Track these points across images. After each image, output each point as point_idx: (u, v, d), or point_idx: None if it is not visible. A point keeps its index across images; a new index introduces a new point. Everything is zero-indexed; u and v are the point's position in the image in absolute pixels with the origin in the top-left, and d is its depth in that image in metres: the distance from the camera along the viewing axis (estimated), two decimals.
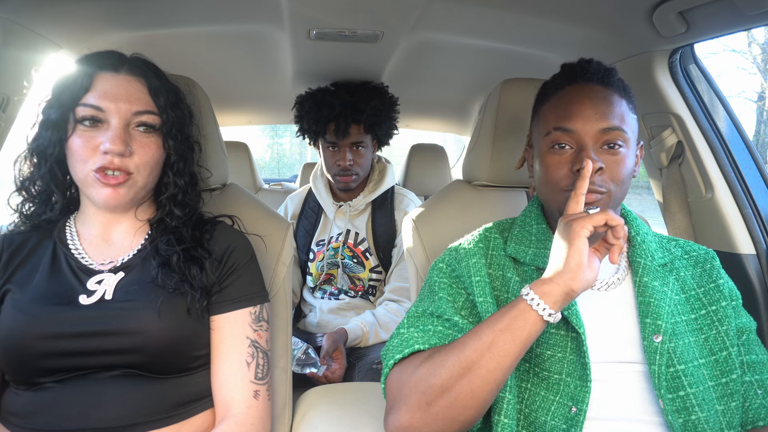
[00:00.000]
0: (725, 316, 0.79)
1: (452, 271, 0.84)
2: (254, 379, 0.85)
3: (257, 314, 0.88)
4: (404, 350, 0.74)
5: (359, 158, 1.64)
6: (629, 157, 0.78)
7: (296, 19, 1.23)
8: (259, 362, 0.86)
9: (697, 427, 0.71)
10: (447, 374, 0.67)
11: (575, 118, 0.77)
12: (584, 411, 0.71)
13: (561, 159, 0.78)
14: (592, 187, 0.74)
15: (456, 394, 0.67)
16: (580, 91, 0.80)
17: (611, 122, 0.77)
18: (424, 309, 0.81)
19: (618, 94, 0.80)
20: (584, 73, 0.82)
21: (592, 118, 0.77)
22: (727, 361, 0.76)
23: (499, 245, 0.86)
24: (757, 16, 0.96)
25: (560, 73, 0.86)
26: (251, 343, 0.86)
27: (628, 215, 0.88)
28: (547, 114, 0.82)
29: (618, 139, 0.77)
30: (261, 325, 0.89)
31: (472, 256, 0.83)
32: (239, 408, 0.82)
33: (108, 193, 0.79)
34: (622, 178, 0.77)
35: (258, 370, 0.85)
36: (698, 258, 0.86)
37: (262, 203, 1.15)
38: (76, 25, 1.18)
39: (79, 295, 0.79)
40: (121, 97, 0.80)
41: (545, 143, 0.81)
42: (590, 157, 0.74)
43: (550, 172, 0.79)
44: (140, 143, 0.81)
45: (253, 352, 0.85)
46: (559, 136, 0.78)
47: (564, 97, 0.81)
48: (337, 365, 1.43)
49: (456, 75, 1.85)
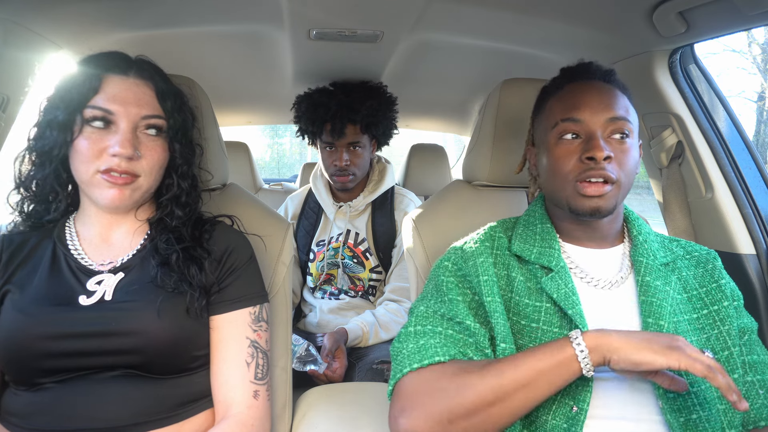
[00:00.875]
0: (727, 316, 0.79)
1: (458, 270, 0.84)
2: (254, 379, 0.85)
3: (257, 314, 0.88)
4: (423, 360, 0.73)
5: (356, 158, 1.64)
6: (635, 148, 0.80)
7: (296, 19, 1.23)
8: (259, 362, 0.86)
9: (698, 426, 0.71)
10: (477, 399, 0.67)
11: (583, 108, 0.79)
12: (585, 410, 0.71)
13: (570, 149, 0.79)
14: (605, 173, 0.76)
15: (481, 419, 0.67)
16: (583, 86, 0.82)
17: (617, 112, 0.79)
18: (435, 309, 0.80)
19: (620, 90, 0.82)
20: (586, 71, 0.84)
21: (599, 108, 0.79)
22: (728, 361, 0.76)
23: (503, 244, 0.86)
24: (757, 16, 0.96)
25: (560, 75, 0.88)
26: (251, 343, 0.86)
27: (630, 215, 0.88)
28: (553, 107, 0.84)
29: (625, 129, 0.79)
30: (261, 325, 0.89)
31: (479, 255, 0.83)
32: (239, 408, 0.82)
33: (113, 194, 0.79)
34: (630, 168, 0.79)
35: (258, 370, 0.85)
36: (700, 258, 0.86)
37: (262, 203, 1.15)
38: (76, 25, 1.18)
39: (78, 296, 0.79)
40: (130, 100, 0.80)
41: (553, 135, 0.82)
42: (600, 146, 0.75)
43: (560, 163, 0.80)
44: (147, 147, 0.82)
45: (252, 353, 0.85)
46: (567, 126, 0.80)
47: (569, 92, 0.83)
48: (338, 364, 1.43)
49: (456, 75, 1.85)
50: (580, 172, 0.77)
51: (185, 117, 0.89)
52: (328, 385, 1.13)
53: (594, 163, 0.76)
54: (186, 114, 0.90)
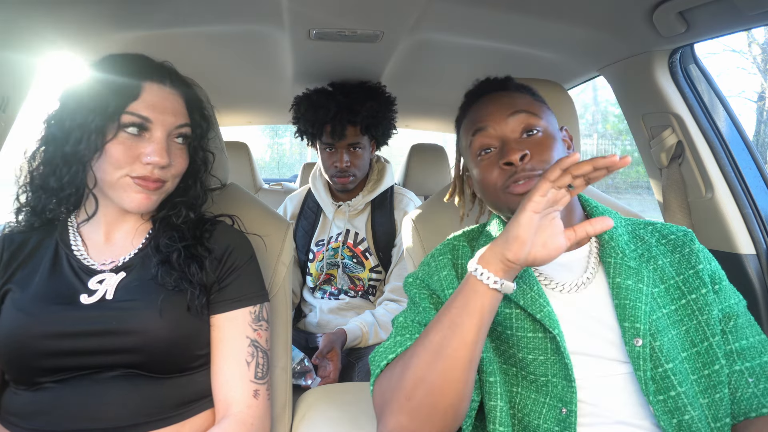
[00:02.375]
0: (705, 304, 0.76)
1: (427, 286, 0.85)
2: (254, 379, 0.85)
3: (257, 314, 0.89)
4: (381, 363, 0.75)
5: (356, 159, 1.64)
6: (551, 138, 0.81)
7: (296, 19, 1.23)
8: (259, 362, 0.86)
9: (692, 426, 0.70)
10: (418, 363, 0.68)
11: (485, 116, 0.84)
12: (574, 412, 0.71)
13: (490, 161, 0.82)
14: (527, 173, 0.77)
15: (431, 381, 0.67)
16: (482, 100, 0.87)
17: (516, 106, 0.82)
18: (412, 318, 0.81)
19: (518, 92, 0.86)
20: (484, 88, 0.90)
21: (497, 110, 0.83)
22: (708, 352, 0.74)
23: (466, 254, 0.87)
24: (757, 16, 0.96)
25: (464, 101, 0.93)
26: (251, 342, 0.86)
27: (594, 210, 0.86)
28: (463, 129, 0.89)
29: (533, 124, 0.81)
30: (261, 324, 0.89)
31: (442, 269, 0.85)
32: (239, 407, 0.82)
33: (141, 198, 0.81)
34: (551, 158, 0.79)
35: (258, 369, 0.86)
36: (677, 242, 0.83)
37: (262, 203, 1.15)
38: (76, 25, 1.18)
39: (80, 295, 0.80)
40: (167, 110, 0.82)
41: (473, 154, 0.85)
42: (512, 149, 0.78)
43: (485, 176, 0.82)
44: (176, 154, 0.84)
45: (253, 352, 0.86)
46: (479, 139, 0.83)
47: (473, 111, 0.88)
48: (331, 367, 1.43)
49: (456, 75, 1.85)
50: (505, 179, 0.79)
51: (207, 125, 0.92)
52: (328, 386, 1.13)
53: (513, 168, 0.78)
54: (207, 121, 0.93)
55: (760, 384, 0.74)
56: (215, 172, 1.06)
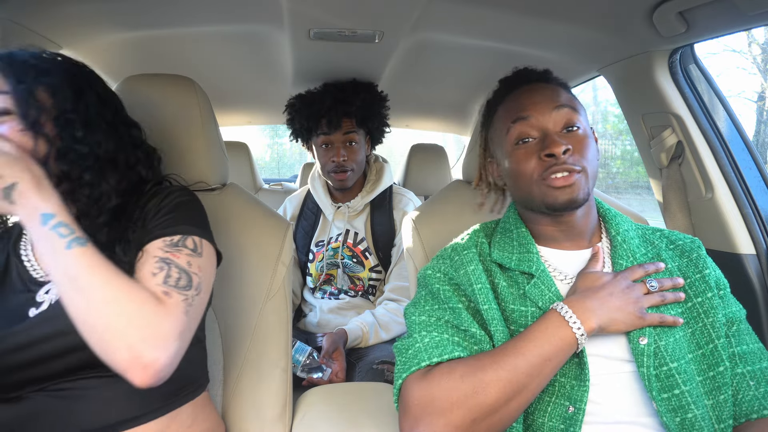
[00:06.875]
0: (711, 308, 0.78)
1: (450, 279, 0.84)
2: (161, 283, 0.72)
3: (175, 241, 0.77)
4: (422, 362, 0.73)
5: (352, 154, 1.64)
6: (589, 137, 0.82)
7: (296, 19, 1.23)
8: (171, 273, 0.74)
9: (694, 425, 0.71)
10: (498, 395, 0.67)
11: (529, 106, 0.82)
12: (582, 410, 0.71)
13: (528, 150, 0.81)
14: (568, 166, 0.77)
15: (504, 414, 0.68)
16: (525, 89, 0.86)
17: (560, 101, 0.82)
18: (439, 316, 0.79)
19: (561, 87, 0.86)
20: (524, 77, 0.89)
21: (543, 102, 0.82)
22: (713, 354, 0.76)
23: (485, 250, 0.87)
24: (757, 16, 0.96)
25: (502, 86, 0.91)
26: (159, 259, 0.75)
27: (607, 213, 0.88)
28: (502, 115, 0.87)
29: (574, 120, 0.81)
30: (180, 249, 0.77)
31: (469, 263, 0.83)
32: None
33: None
34: (590, 156, 0.80)
35: (168, 279, 0.73)
36: (684, 247, 0.86)
37: (262, 203, 1.15)
38: (76, 25, 1.18)
39: (28, 310, 0.76)
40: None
41: (509, 141, 0.84)
42: (556, 141, 0.77)
43: (521, 166, 0.81)
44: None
45: (161, 266, 0.74)
46: (519, 127, 0.82)
47: (513, 97, 0.86)
48: (338, 367, 1.43)
49: (456, 75, 1.85)
50: (543, 170, 0.79)
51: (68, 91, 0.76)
52: (328, 386, 1.13)
53: (554, 159, 0.78)
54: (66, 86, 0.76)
55: (760, 387, 0.76)
56: (215, 172, 1.06)
